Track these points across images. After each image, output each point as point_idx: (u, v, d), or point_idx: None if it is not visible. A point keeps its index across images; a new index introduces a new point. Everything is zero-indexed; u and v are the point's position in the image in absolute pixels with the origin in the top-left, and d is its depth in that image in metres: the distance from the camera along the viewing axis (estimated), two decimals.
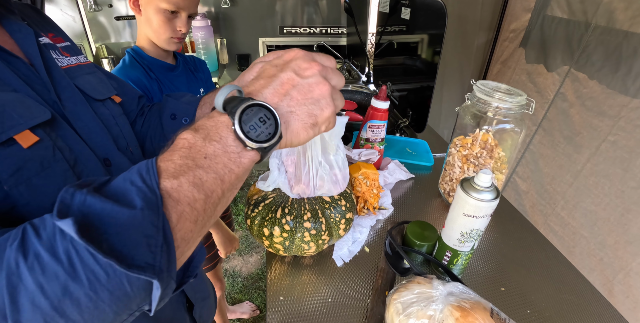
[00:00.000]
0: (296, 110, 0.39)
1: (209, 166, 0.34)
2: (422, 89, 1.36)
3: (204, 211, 0.34)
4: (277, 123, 0.37)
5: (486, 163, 0.85)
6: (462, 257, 0.68)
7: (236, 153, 0.36)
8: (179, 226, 0.32)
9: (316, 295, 0.68)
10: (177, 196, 0.32)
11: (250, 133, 0.36)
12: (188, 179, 0.33)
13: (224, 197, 0.36)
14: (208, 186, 0.34)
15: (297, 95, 0.39)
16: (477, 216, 0.61)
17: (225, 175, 0.35)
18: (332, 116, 0.41)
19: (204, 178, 0.33)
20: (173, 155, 0.34)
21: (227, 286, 2.04)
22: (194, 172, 0.33)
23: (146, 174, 0.31)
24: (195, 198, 0.33)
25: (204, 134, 0.36)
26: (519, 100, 0.76)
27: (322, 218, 0.67)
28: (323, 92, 0.40)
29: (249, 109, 0.36)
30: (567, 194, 1.64)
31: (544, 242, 0.85)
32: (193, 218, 0.33)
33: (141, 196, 0.30)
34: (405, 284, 0.60)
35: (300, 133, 0.40)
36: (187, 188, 0.32)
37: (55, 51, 0.52)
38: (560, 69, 1.72)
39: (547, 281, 0.74)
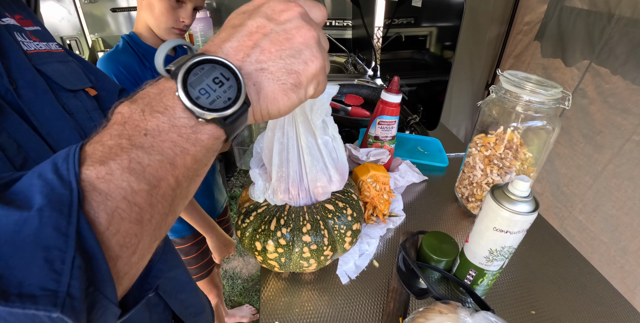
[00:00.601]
0: (269, 66, 0.29)
1: (151, 146, 0.25)
2: (433, 84, 1.26)
3: (152, 206, 0.25)
4: (240, 84, 0.28)
5: (511, 165, 0.74)
6: (489, 277, 0.58)
7: (189, 127, 0.27)
8: (112, 228, 0.23)
9: (317, 319, 0.59)
10: (106, 187, 0.23)
11: (200, 99, 0.27)
12: (121, 164, 0.24)
13: (179, 186, 0.27)
14: (152, 173, 0.25)
15: (269, 46, 0.29)
16: (511, 231, 0.51)
17: (177, 157, 0.26)
18: (322, 73, 0.31)
19: (144, 162, 0.25)
20: (103, 135, 0.25)
21: (226, 288, 1.97)
22: (130, 154, 0.24)
23: (62, 162, 0.23)
24: (134, 189, 0.24)
25: (143, 104, 0.27)
26: (554, 93, 0.65)
27: (324, 230, 0.57)
28: (307, 39, 0.30)
29: (197, 68, 0.27)
30: (585, 197, 1.54)
31: (575, 255, 0.75)
32: (134, 216, 0.24)
33: (45, 192, 0.22)
34: (423, 312, 0.50)
35: (278, 98, 0.30)
36: (120, 177, 0.23)
37: (21, 34, 0.45)
38: (580, 64, 1.61)
39: (582, 303, 0.64)
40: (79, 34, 1.95)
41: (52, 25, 1.83)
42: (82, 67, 0.55)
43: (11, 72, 0.40)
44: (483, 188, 0.78)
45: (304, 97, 0.31)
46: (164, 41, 1.07)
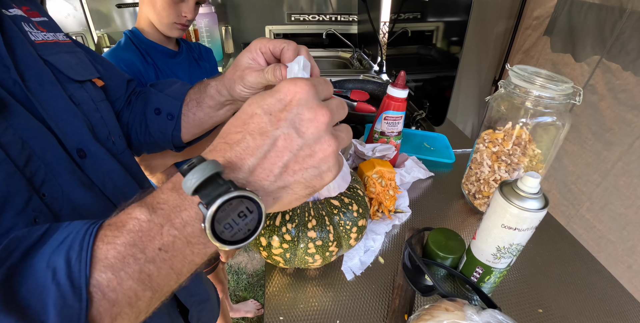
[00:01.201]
0: (291, 184, 0.30)
1: (163, 260, 0.26)
2: (440, 80, 1.25)
3: (149, 305, 0.27)
4: (261, 217, 0.28)
5: (520, 162, 0.73)
6: (496, 274, 0.57)
7: (202, 244, 0.28)
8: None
9: (322, 315, 0.58)
10: (114, 296, 0.25)
11: (224, 233, 0.27)
12: (131, 276, 0.25)
13: (179, 285, 0.30)
14: (158, 282, 0.27)
15: (293, 165, 0.29)
16: (520, 228, 0.50)
17: (184, 268, 0.28)
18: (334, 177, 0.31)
19: (154, 274, 0.26)
20: (117, 238, 0.26)
21: (231, 283, 1.98)
22: (142, 266, 0.26)
23: (76, 261, 0.24)
24: (139, 297, 0.26)
25: (164, 217, 0.27)
26: (565, 88, 0.64)
27: (329, 226, 0.57)
28: (327, 155, 0.29)
29: (226, 204, 0.26)
30: (593, 195, 1.52)
31: (583, 254, 0.74)
32: (134, 316, 0.26)
33: (59, 305, 0.23)
34: (429, 309, 0.50)
35: (292, 204, 0.32)
36: (128, 286, 0.25)
37: (28, 24, 0.45)
38: (590, 59, 1.59)
39: (590, 301, 0.63)
40: (84, 30, 1.95)
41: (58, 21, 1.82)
42: (90, 57, 0.55)
43: (18, 65, 0.40)
44: (490, 185, 0.77)
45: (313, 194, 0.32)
46: (166, 36, 1.06)
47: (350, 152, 0.86)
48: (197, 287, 0.65)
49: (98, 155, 0.46)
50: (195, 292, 0.64)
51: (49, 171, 0.39)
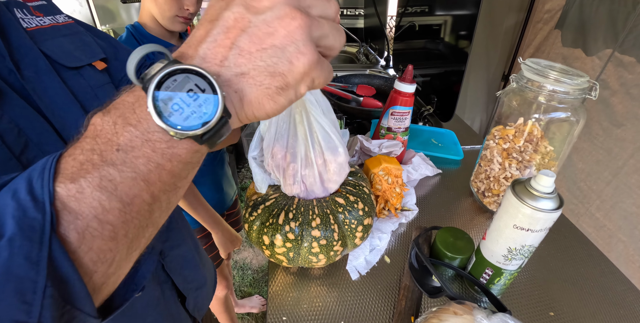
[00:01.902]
0: (249, 70, 0.25)
1: (123, 162, 0.24)
2: (448, 75, 1.22)
3: (126, 222, 0.24)
4: (217, 96, 0.24)
5: (531, 159, 0.71)
6: (506, 276, 0.55)
7: (164, 142, 0.25)
8: (83, 246, 0.23)
9: (326, 315, 0.57)
10: (76, 206, 0.22)
11: (173, 116, 0.24)
12: (92, 182, 0.23)
13: (156, 201, 0.26)
14: (125, 190, 0.24)
15: (248, 44, 0.25)
16: (533, 229, 0.48)
17: (152, 174, 0.24)
18: (315, 68, 0.26)
19: (116, 179, 0.23)
20: (76, 148, 0.24)
21: (236, 279, 1.98)
22: (101, 171, 0.23)
23: (37, 178, 0.22)
24: (106, 208, 0.23)
25: (116, 115, 0.24)
26: (580, 82, 0.61)
27: (334, 225, 0.55)
28: (291, 30, 0.25)
29: (170, 80, 0.24)
30: (604, 193, 1.49)
31: (597, 255, 0.71)
32: (107, 234, 0.23)
33: (17, 217, 0.21)
34: (437, 312, 0.48)
35: (263, 103, 0.26)
36: (90, 195, 0.23)
37: (22, 10, 0.44)
38: (602, 53, 1.55)
39: (603, 305, 0.61)
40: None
41: None
42: (94, 37, 0.53)
43: (13, 53, 0.39)
44: (500, 183, 0.74)
45: (294, 97, 0.28)
46: (169, 31, 1.05)
47: (356, 148, 0.84)
48: (195, 274, 0.64)
49: None
50: (192, 279, 0.63)
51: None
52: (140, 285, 0.34)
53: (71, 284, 0.22)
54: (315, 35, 0.26)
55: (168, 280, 0.55)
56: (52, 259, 0.21)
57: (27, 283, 0.20)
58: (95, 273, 0.24)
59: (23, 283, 0.20)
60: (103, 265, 0.24)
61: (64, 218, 0.22)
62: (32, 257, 0.21)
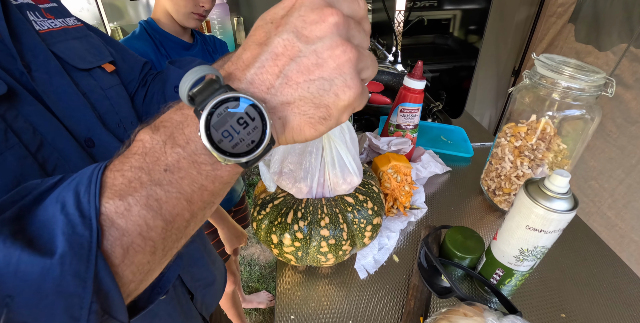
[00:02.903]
0: (295, 100, 0.25)
1: (169, 183, 0.24)
2: (458, 70, 1.20)
3: (164, 239, 0.25)
4: (265, 127, 0.25)
5: (544, 158, 0.69)
6: (517, 277, 0.54)
7: (209, 164, 0.25)
8: (126, 261, 0.24)
9: (334, 315, 0.57)
10: (124, 224, 0.23)
11: (223, 142, 0.24)
12: (139, 201, 0.23)
13: (194, 218, 0.27)
14: (168, 210, 0.24)
15: (296, 75, 0.25)
16: (546, 230, 0.47)
17: (195, 194, 0.25)
18: (357, 100, 0.27)
19: (162, 199, 0.24)
20: (124, 164, 0.24)
21: (244, 274, 1.99)
22: (149, 190, 0.24)
23: (85, 192, 0.23)
24: (150, 226, 0.24)
25: (166, 135, 0.25)
26: (596, 79, 0.60)
27: (343, 224, 0.55)
28: (340, 63, 0.24)
29: (222, 107, 0.24)
30: (616, 191, 1.46)
31: (610, 255, 0.70)
32: (148, 249, 0.24)
33: (67, 233, 0.22)
34: (446, 313, 0.47)
35: (304, 130, 0.27)
36: (137, 213, 0.23)
37: (35, 13, 0.45)
38: (617, 48, 1.51)
39: (617, 306, 0.60)
40: (98, 23, 1.95)
41: None
42: (101, 40, 0.54)
43: (24, 55, 0.40)
44: (512, 181, 0.73)
45: (334, 125, 0.28)
46: (182, 27, 1.05)
47: (365, 146, 0.83)
48: (203, 272, 0.65)
49: (108, 144, 0.46)
50: (201, 277, 0.64)
51: (60, 158, 0.40)
52: (165, 288, 0.35)
53: (111, 297, 0.23)
54: (359, 67, 0.26)
55: (178, 277, 0.55)
56: (97, 275, 0.22)
57: (75, 299, 0.21)
58: (133, 282, 0.25)
59: (72, 300, 0.21)
60: (140, 275, 0.25)
61: (111, 234, 0.23)
62: (81, 274, 0.21)
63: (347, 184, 0.55)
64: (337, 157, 0.53)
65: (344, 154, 0.53)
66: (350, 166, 0.54)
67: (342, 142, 0.53)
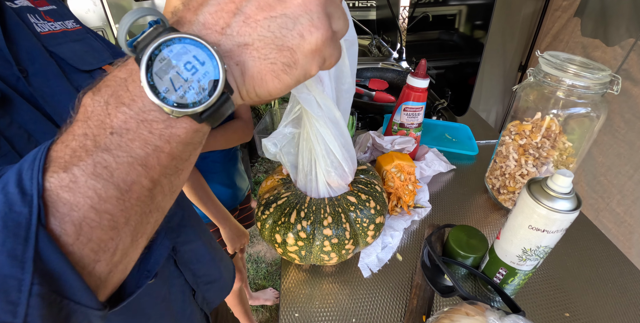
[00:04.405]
0: (253, 40, 0.22)
1: (118, 146, 0.22)
2: (463, 67, 1.19)
3: (125, 210, 0.23)
4: (217, 69, 0.22)
5: (549, 156, 0.69)
6: (520, 276, 0.55)
7: (161, 122, 0.22)
8: (82, 238, 0.21)
9: (338, 313, 0.57)
10: (71, 197, 0.21)
11: (169, 92, 0.22)
12: (85, 170, 0.21)
13: (157, 186, 0.24)
14: (121, 177, 0.22)
15: (255, 12, 0.22)
16: (549, 230, 0.47)
17: (149, 157, 0.22)
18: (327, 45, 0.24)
19: (112, 166, 0.22)
20: (68, 134, 0.22)
21: (250, 271, 2.01)
22: (95, 158, 0.21)
23: (27, 169, 0.21)
24: (102, 197, 0.21)
25: (108, 94, 0.22)
26: (602, 76, 0.59)
27: (345, 224, 0.55)
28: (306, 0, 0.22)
29: (166, 50, 0.22)
30: (625, 187, 1.44)
31: (616, 254, 0.69)
32: (106, 223, 0.22)
33: (3, 212, 0.20)
34: (448, 312, 0.48)
35: (266, 80, 0.24)
36: (84, 184, 0.21)
37: (35, 15, 0.44)
38: (624, 42, 1.48)
39: (621, 306, 0.60)
40: (105, 24, 1.96)
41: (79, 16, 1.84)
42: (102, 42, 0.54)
43: (20, 60, 0.39)
44: (516, 180, 0.73)
45: (302, 77, 0.25)
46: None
47: (368, 145, 0.83)
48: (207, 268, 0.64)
49: None
50: (203, 273, 0.63)
51: None
52: (153, 271, 0.33)
53: (65, 278, 0.21)
54: (329, 10, 0.23)
55: (181, 275, 0.55)
56: (39, 255, 0.20)
57: (11, 281, 0.19)
58: (99, 262, 0.23)
59: (7, 282, 0.19)
60: (105, 253, 0.23)
61: (59, 210, 0.21)
62: (17, 254, 0.20)
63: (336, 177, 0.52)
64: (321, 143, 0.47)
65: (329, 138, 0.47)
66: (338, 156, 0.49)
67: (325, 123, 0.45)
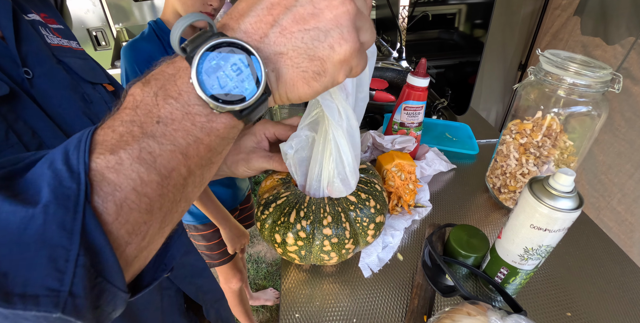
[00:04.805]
0: (288, 50, 0.25)
1: (162, 135, 0.24)
2: (463, 66, 1.19)
3: (162, 196, 0.24)
4: (259, 73, 0.25)
5: (550, 155, 0.69)
6: (522, 276, 0.54)
7: (203, 116, 0.25)
8: (120, 219, 0.23)
9: (338, 313, 0.57)
10: (115, 177, 0.22)
11: (215, 88, 0.24)
12: (131, 154, 0.23)
13: (192, 175, 0.26)
14: (163, 164, 0.24)
15: (290, 24, 0.24)
16: (551, 229, 0.47)
17: (190, 147, 0.25)
18: (354, 57, 0.26)
19: (155, 152, 0.23)
20: (115, 120, 0.24)
21: (251, 272, 2.01)
22: (141, 143, 0.23)
23: (74, 150, 0.22)
24: (144, 180, 0.23)
25: (157, 87, 0.24)
26: (603, 75, 0.59)
27: (345, 223, 0.55)
28: (338, 15, 0.24)
29: (215, 52, 0.24)
30: (626, 186, 1.44)
31: (617, 253, 0.69)
32: (144, 206, 0.23)
33: (53, 185, 0.21)
34: (449, 312, 0.47)
35: (297, 86, 0.26)
36: (130, 167, 0.23)
37: (45, 29, 0.47)
38: (625, 41, 1.48)
39: (624, 305, 0.60)
40: (104, 25, 1.96)
41: (78, 17, 1.86)
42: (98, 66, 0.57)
43: (27, 62, 0.41)
44: (517, 179, 0.73)
45: (330, 84, 0.27)
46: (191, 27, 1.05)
47: (369, 144, 0.83)
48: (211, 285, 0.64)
49: None
50: (208, 290, 0.63)
51: None
52: (170, 265, 0.34)
53: (104, 256, 0.22)
54: (357, 24, 0.26)
55: (172, 287, 0.55)
56: (85, 229, 0.21)
57: (60, 251, 0.20)
58: (130, 245, 0.24)
59: (56, 251, 0.20)
60: (137, 237, 0.24)
61: (103, 189, 0.22)
62: (66, 225, 0.21)
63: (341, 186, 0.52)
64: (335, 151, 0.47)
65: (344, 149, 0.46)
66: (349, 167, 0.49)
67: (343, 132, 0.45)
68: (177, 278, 0.55)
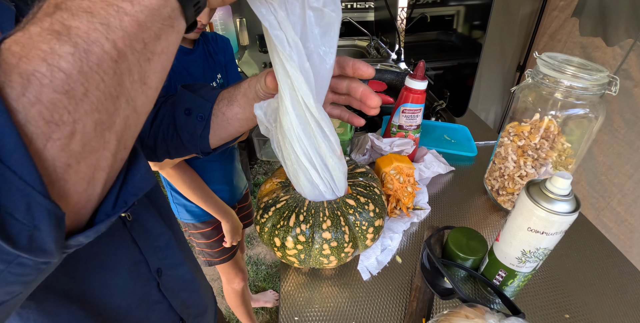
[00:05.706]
0: None
1: (79, 7, 0.21)
2: (461, 67, 1.19)
3: (83, 74, 0.21)
4: None
5: (548, 157, 0.69)
6: (520, 278, 0.54)
7: None
8: (29, 95, 0.19)
9: (338, 316, 0.57)
10: (21, 50, 0.20)
11: None
12: (42, 27, 0.20)
13: (123, 58, 0.23)
14: (79, 34, 0.21)
15: None
16: (548, 232, 0.47)
17: (111, 17, 0.22)
18: None
19: (71, 23, 0.21)
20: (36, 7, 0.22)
21: (250, 273, 2.01)
22: (53, 17, 0.21)
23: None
24: (57, 51, 0.20)
25: None
26: (599, 77, 0.59)
27: (344, 227, 0.55)
28: None
29: None
30: (625, 187, 1.44)
31: (616, 255, 0.69)
32: (59, 83, 0.20)
33: None
34: (448, 315, 0.48)
35: None
36: (38, 37, 0.20)
37: None
38: (624, 42, 1.49)
39: (622, 307, 0.60)
40: None
41: None
42: None
43: None
44: (515, 181, 0.73)
45: None
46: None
47: (367, 147, 0.83)
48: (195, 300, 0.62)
49: None
50: (192, 304, 0.60)
51: None
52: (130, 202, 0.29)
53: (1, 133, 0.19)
54: None
55: (163, 301, 0.53)
56: None
57: None
58: (51, 140, 0.20)
59: None
60: (60, 130, 0.21)
61: (6, 61, 0.19)
62: None
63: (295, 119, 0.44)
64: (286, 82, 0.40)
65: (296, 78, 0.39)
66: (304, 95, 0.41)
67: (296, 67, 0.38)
68: (167, 291, 0.53)
